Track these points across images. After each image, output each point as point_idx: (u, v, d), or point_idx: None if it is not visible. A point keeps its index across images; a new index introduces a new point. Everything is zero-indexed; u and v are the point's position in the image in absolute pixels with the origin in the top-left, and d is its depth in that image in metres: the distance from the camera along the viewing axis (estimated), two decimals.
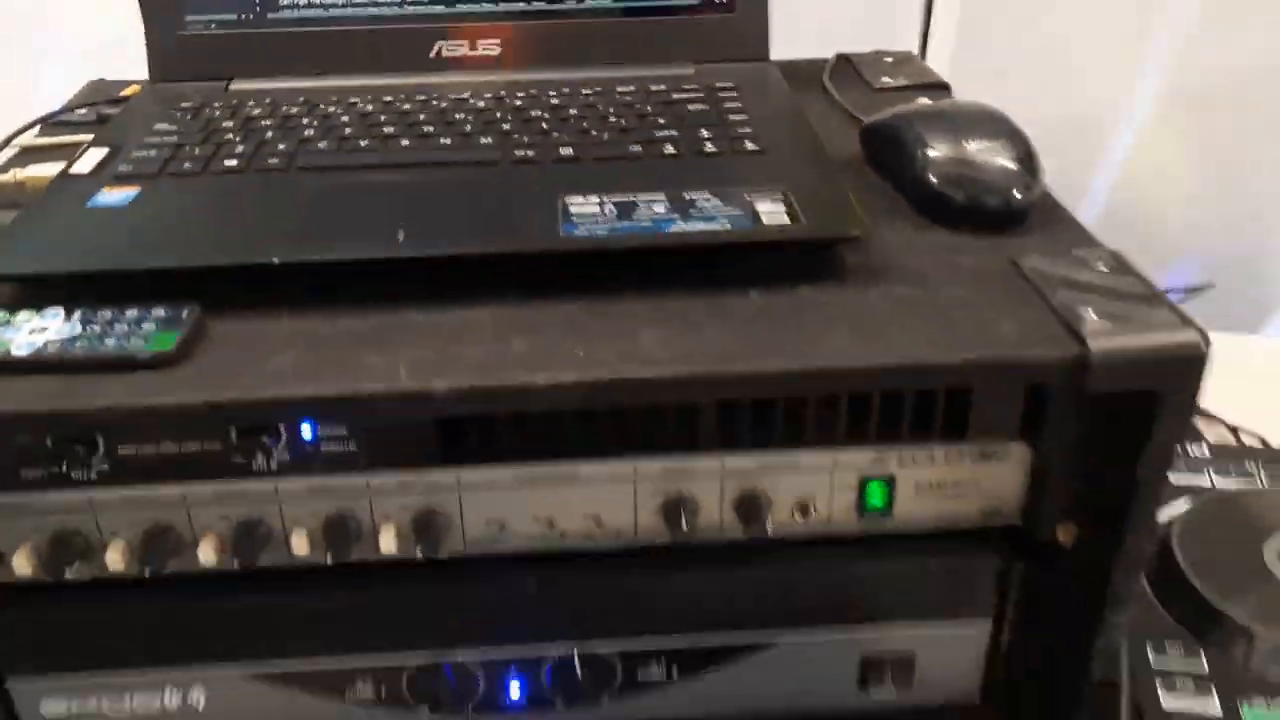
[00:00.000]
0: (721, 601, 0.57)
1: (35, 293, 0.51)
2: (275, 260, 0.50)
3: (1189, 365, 0.47)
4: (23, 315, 0.49)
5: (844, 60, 0.84)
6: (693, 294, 0.52)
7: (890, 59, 0.84)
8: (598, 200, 0.55)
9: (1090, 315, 0.48)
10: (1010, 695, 0.60)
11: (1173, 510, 0.71)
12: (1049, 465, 0.54)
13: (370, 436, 0.51)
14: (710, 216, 0.53)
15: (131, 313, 0.48)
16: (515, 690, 0.58)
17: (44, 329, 0.48)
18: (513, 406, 0.49)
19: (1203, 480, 0.78)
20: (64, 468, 0.50)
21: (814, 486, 0.55)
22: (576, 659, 0.57)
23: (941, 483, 0.55)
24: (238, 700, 0.57)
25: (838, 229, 0.53)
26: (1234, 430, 0.83)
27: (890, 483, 0.55)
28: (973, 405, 0.53)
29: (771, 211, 0.54)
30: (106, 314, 0.48)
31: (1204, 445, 0.82)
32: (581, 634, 0.57)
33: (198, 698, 0.57)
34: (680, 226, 0.53)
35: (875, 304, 0.51)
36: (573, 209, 0.54)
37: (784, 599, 0.57)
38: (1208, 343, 0.47)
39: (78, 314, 0.49)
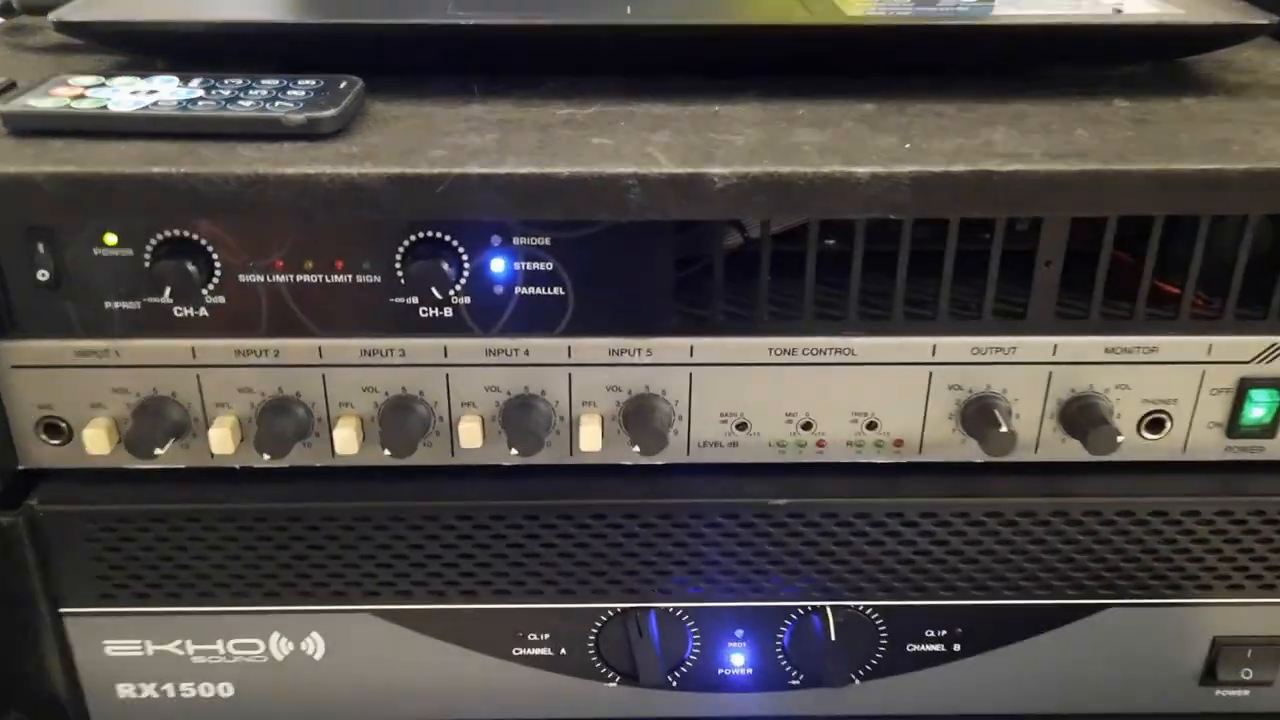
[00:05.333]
0: (1027, 551, 0.41)
1: (143, 62, 0.38)
2: (462, 22, 0.37)
3: None
4: (121, 79, 0.35)
5: None
6: (1035, 101, 0.37)
7: None
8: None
9: None
10: None
11: None
12: None
13: (577, 273, 0.37)
14: (1050, 8, 0.39)
15: (271, 81, 0.35)
16: (737, 658, 0.43)
17: (152, 91, 0.34)
18: (826, 211, 0.34)
19: None
20: (167, 295, 0.36)
21: (1174, 388, 0.39)
22: (827, 617, 0.42)
23: None
24: (367, 651, 0.42)
25: (1238, 17, 0.38)
26: None
27: None
28: None
29: (1139, 6, 0.39)
30: (237, 81, 0.35)
31: None
32: (835, 584, 0.41)
33: (314, 644, 0.42)
34: (1010, 11, 0.38)
35: None
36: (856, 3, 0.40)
37: (1114, 550, 0.41)
38: None
39: (197, 80, 0.35)
